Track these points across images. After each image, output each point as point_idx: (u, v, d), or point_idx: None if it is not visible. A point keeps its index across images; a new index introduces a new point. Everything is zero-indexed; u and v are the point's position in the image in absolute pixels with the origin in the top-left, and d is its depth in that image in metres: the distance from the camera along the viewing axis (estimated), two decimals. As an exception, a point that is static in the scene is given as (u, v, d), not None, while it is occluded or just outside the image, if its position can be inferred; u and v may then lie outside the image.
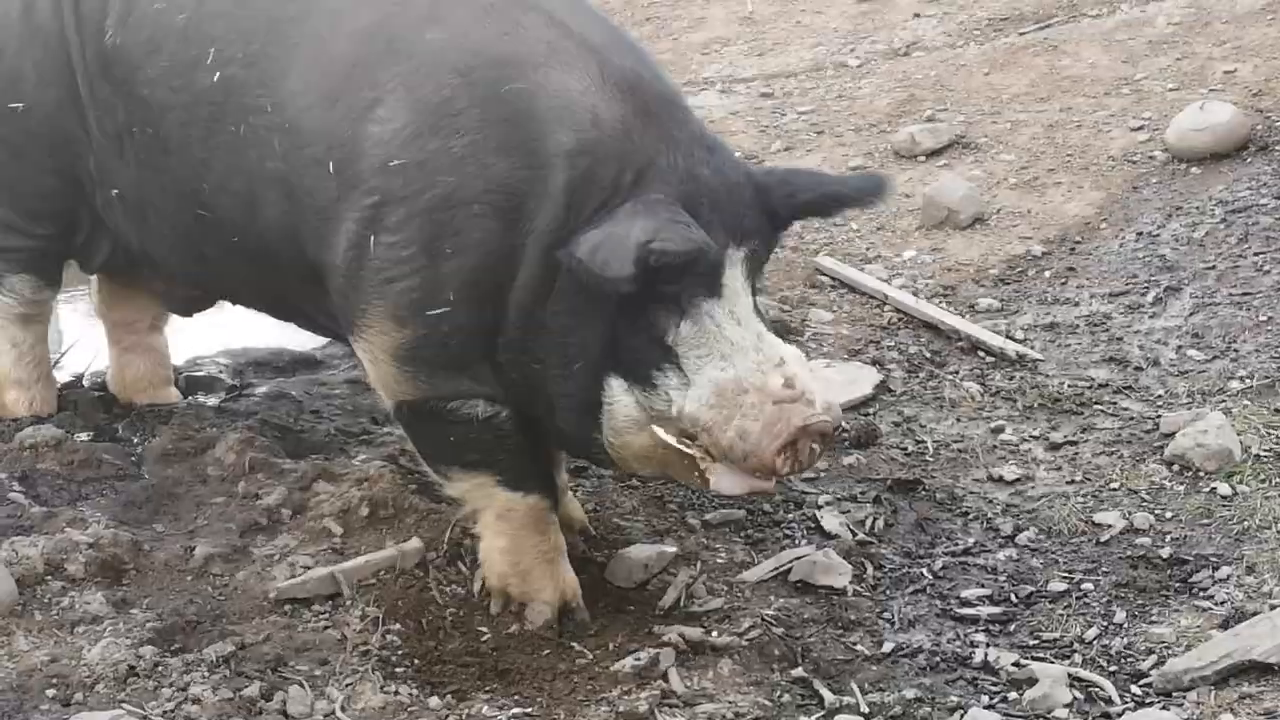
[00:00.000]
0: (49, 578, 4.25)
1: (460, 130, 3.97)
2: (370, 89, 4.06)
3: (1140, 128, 7.28)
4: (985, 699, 4.10)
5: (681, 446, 3.90)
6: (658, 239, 3.74)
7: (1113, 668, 4.19)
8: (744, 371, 3.86)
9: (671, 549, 4.56)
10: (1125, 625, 4.35)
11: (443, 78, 4.01)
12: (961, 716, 3.99)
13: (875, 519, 4.85)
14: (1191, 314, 5.85)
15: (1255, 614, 4.19)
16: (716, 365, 3.87)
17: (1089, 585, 4.53)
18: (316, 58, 4.17)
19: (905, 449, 5.23)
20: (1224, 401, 5.31)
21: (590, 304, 3.91)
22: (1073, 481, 5.02)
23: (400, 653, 4.13)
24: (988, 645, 4.28)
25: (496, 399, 4.13)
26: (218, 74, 4.27)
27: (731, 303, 3.92)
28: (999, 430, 5.34)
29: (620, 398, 3.95)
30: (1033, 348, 5.81)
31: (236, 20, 4.29)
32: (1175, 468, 4.99)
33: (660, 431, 3.91)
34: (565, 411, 4.03)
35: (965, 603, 4.49)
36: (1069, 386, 5.53)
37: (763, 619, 4.32)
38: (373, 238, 4.03)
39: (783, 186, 4.07)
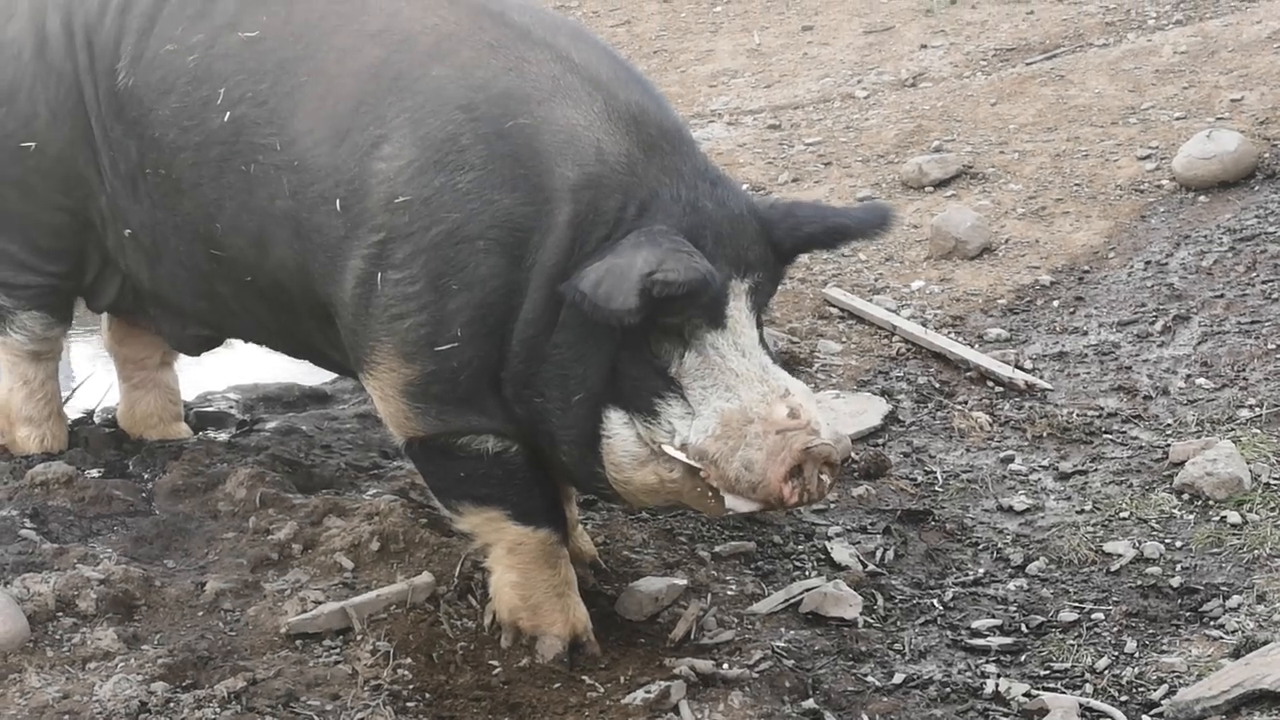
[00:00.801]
0: (60, 614, 4.25)
1: (465, 166, 3.99)
2: (376, 126, 4.08)
3: (1147, 157, 7.29)
4: (997, 730, 4.11)
5: (694, 463, 3.88)
6: (660, 269, 3.73)
7: (1124, 697, 4.19)
8: (749, 402, 3.85)
9: (682, 582, 4.56)
10: (1136, 655, 4.34)
11: (448, 114, 4.03)
12: (973, 747, 4.00)
13: (885, 550, 4.85)
14: (1200, 343, 5.85)
15: (1266, 643, 4.18)
16: (721, 396, 3.88)
17: (1100, 615, 4.52)
18: (323, 96, 4.19)
19: (915, 479, 5.23)
20: (1233, 430, 5.30)
21: (592, 336, 3.92)
22: (1082, 511, 5.02)
23: (411, 687, 4.13)
24: (999, 676, 4.28)
25: (506, 434, 4.14)
26: (228, 114, 4.29)
27: (736, 334, 3.93)
28: (1008, 460, 5.34)
29: (619, 431, 3.95)
30: (1042, 377, 5.82)
31: (245, 60, 4.31)
32: (1185, 496, 4.99)
33: (674, 450, 3.89)
34: (567, 445, 4.04)
35: (976, 633, 4.49)
36: (1078, 416, 5.54)
37: (773, 651, 4.32)
38: (380, 274, 4.04)
39: (787, 219, 4.07)
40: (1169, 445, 5.26)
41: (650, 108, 4.11)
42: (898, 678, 4.29)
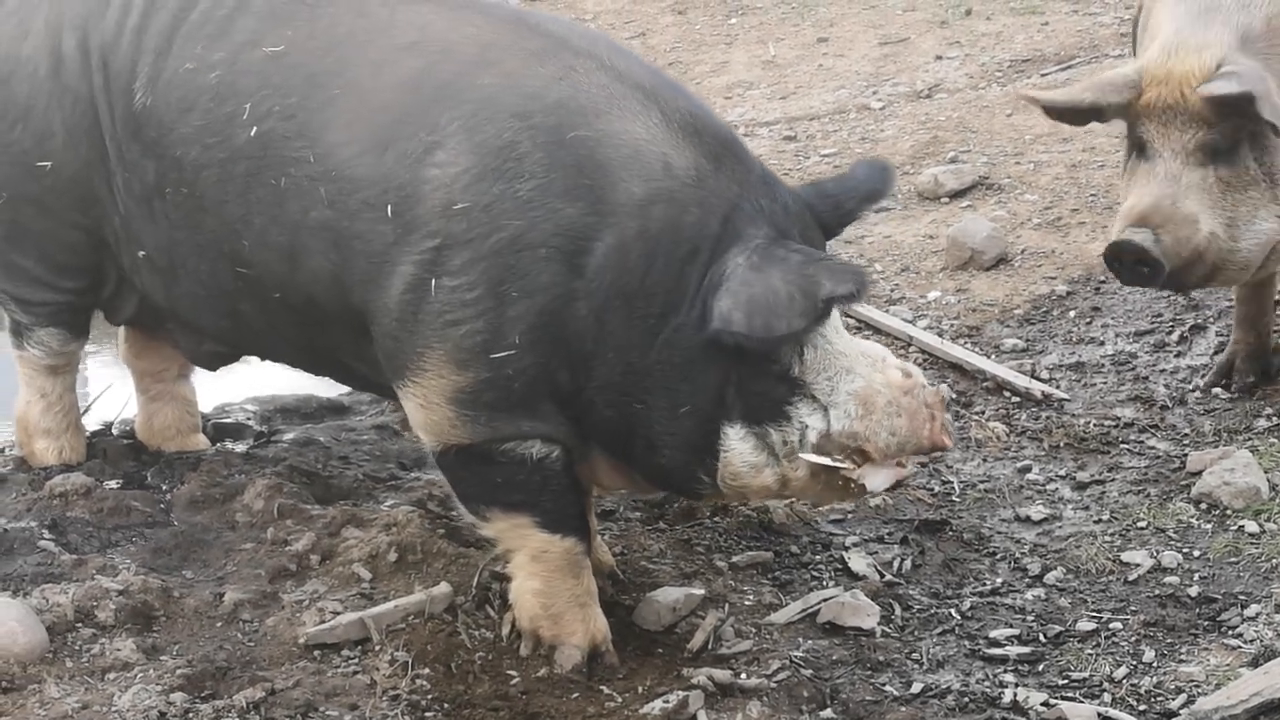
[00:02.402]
0: (79, 625, 4.26)
1: (525, 174, 4.02)
2: (426, 134, 4.10)
3: (1163, 167, 7.27)
4: (1015, 739, 4.11)
5: (837, 464, 4.04)
6: (829, 287, 3.87)
7: (1142, 707, 4.18)
8: (869, 377, 4.05)
9: (699, 591, 4.56)
10: (1154, 664, 4.34)
11: (503, 121, 4.06)
12: (991, 757, 3.99)
13: (903, 560, 4.85)
14: (1216, 352, 5.85)
15: (1285, 652, 4.18)
16: (846, 380, 4.04)
17: (1117, 624, 4.52)
18: (360, 107, 4.20)
19: (932, 489, 5.23)
20: (1250, 439, 5.30)
21: (701, 356, 4.01)
22: (1100, 520, 5.01)
23: (429, 697, 4.13)
24: (1017, 685, 4.28)
25: (554, 438, 4.16)
26: (255, 129, 4.29)
27: (832, 321, 4.06)
28: (1026, 470, 5.34)
29: (736, 445, 4.05)
30: (1059, 387, 5.81)
31: (271, 76, 4.31)
32: (1203, 506, 4.98)
33: (814, 457, 4.03)
34: (670, 450, 4.10)
35: (994, 643, 4.49)
36: (1095, 426, 5.53)
37: (791, 661, 4.33)
38: (434, 281, 4.06)
39: (825, 200, 4.22)
40: (1186, 455, 5.25)
41: (703, 115, 4.19)
42: (916, 687, 4.28)
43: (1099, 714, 4.11)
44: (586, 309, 4.02)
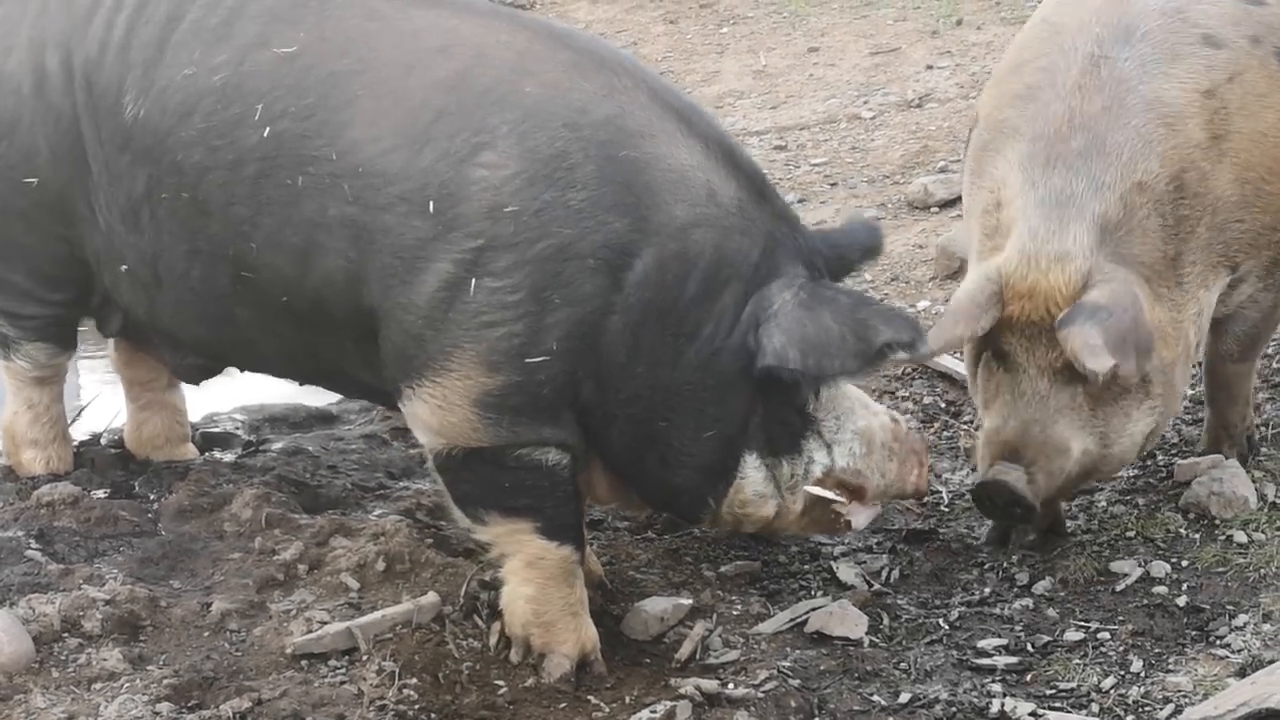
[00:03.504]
0: (66, 635, 4.25)
1: (578, 184, 4.07)
2: (472, 134, 4.13)
3: (1153, 177, 7.28)
4: (1002, 749, 4.11)
5: (836, 499, 4.26)
6: (885, 336, 4.02)
7: (1130, 717, 4.19)
8: (870, 420, 4.28)
9: (687, 601, 4.57)
10: (1142, 674, 4.34)
11: (554, 130, 4.11)
12: (979, 767, 3.99)
13: (891, 569, 4.85)
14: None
15: (1272, 662, 4.18)
16: (851, 420, 4.27)
17: (1105, 634, 4.52)
18: (389, 106, 4.22)
19: (920, 499, 5.22)
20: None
21: (732, 383, 4.12)
22: (1088, 530, 5.01)
23: (417, 707, 4.13)
24: (1005, 695, 4.28)
25: (568, 446, 4.19)
26: (268, 129, 4.29)
27: None
28: (1014, 480, 5.33)
29: (752, 474, 4.20)
30: (1047, 397, 5.80)
31: (283, 76, 4.32)
32: (1191, 516, 4.98)
33: (818, 490, 4.24)
34: (686, 470, 4.19)
35: (982, 653, 4.49)
36: (1084, 435, 5.52)
37: (779, 671, 4.32)
38: (474, 281, 4.07)
39: (831, 248, 4.35)
40: (1174, 464, 5.25)
41: (736, 146, 4.33)
42: (904, 697, 4.28)
43: (1086, 724, 4.11)
44: (623, 323, 4.07)
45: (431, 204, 4.12)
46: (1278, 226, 4.68)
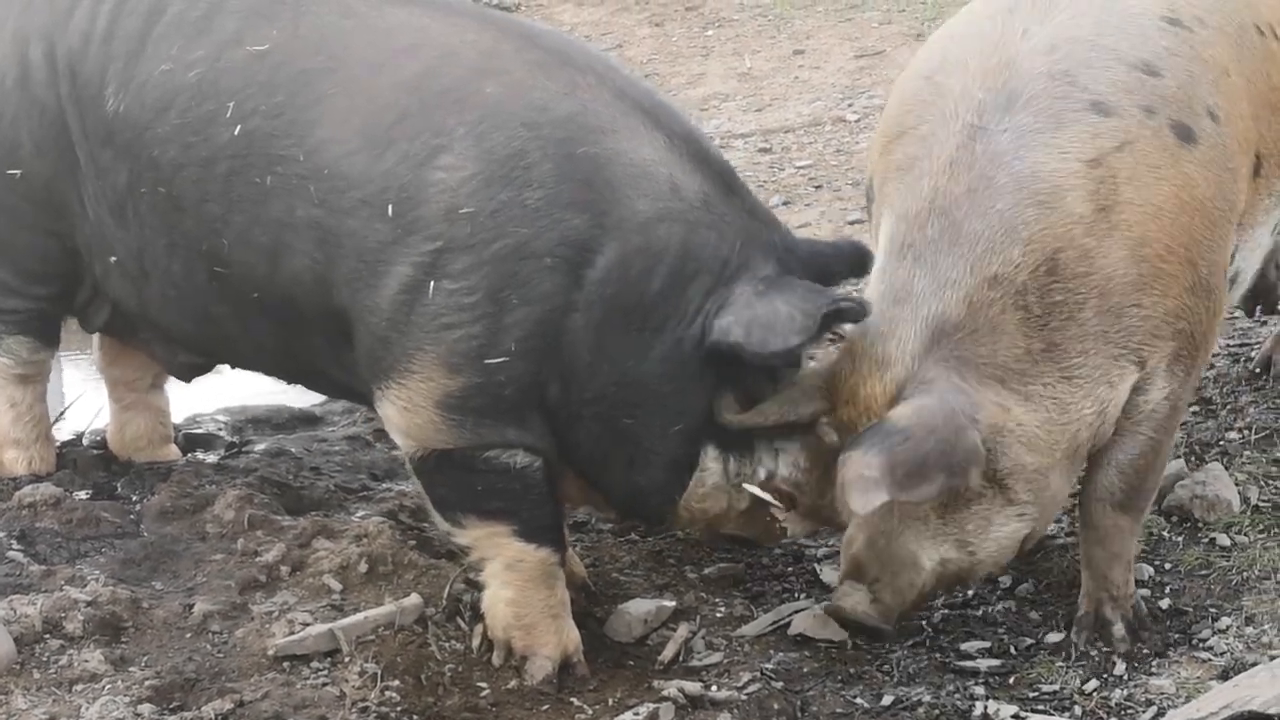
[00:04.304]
0: (47, 636, 4.24)
1: (534, 183, 4.05)
2: (431, 136, 4.12)
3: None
4: (985, 752, 4.11)
5: (775, 504, 4.21)
6: (834, 302, 3.97)
7: (1112, 719, 4.19)
8: (818, 437, 4.21)
9: (670, 604, 4.57)
10: (1125, 677, 4.34)
11: (512, 129, 4.09)
12: (961, 769, 3.99)
13: (874, 572, 4.85)
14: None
15: (1255, 664, 4.18)
16: (801, 432, 4.19)
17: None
18: (356, 107, 4.22)
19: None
20: (1223, 452, 5.30)
21: (696, 375, 4.08)
22: (1071, 533, 5.01)
23: (399, 709, 4.12)
24: (988, 698, 4.28)
25: (536, 449, 4.17)
26: (239, 127, 4.30)
27: (801, 372, 4.19)
28: (998, 482, 5.33)
29: (711, 465, 4.16)
30: (1031, 400, 5.80)
31: (255, 74, 4.32)
32: (1174, 519, 4.98)
33: (759, 492, 4.18)
34: (651, 468, 4.15)
35: (965, 655, 4.49)
36: (1067, 438, 5.52)
37: (762, 673, 4.33)
38: (432, 283, 4.07)
39: (817, 259, 4.26)
40: (1158, 467, 5.25)
41: (705, 142, 4.28)
42: (886, 699, 4.28)
43: (1069, 727, 4.11)
44: (585, 320, 4.05)
45: (390, 207, 4.11)
46: (1180, 314, 4.17)
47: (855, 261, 4.39)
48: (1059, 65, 4.18)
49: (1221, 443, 5.38)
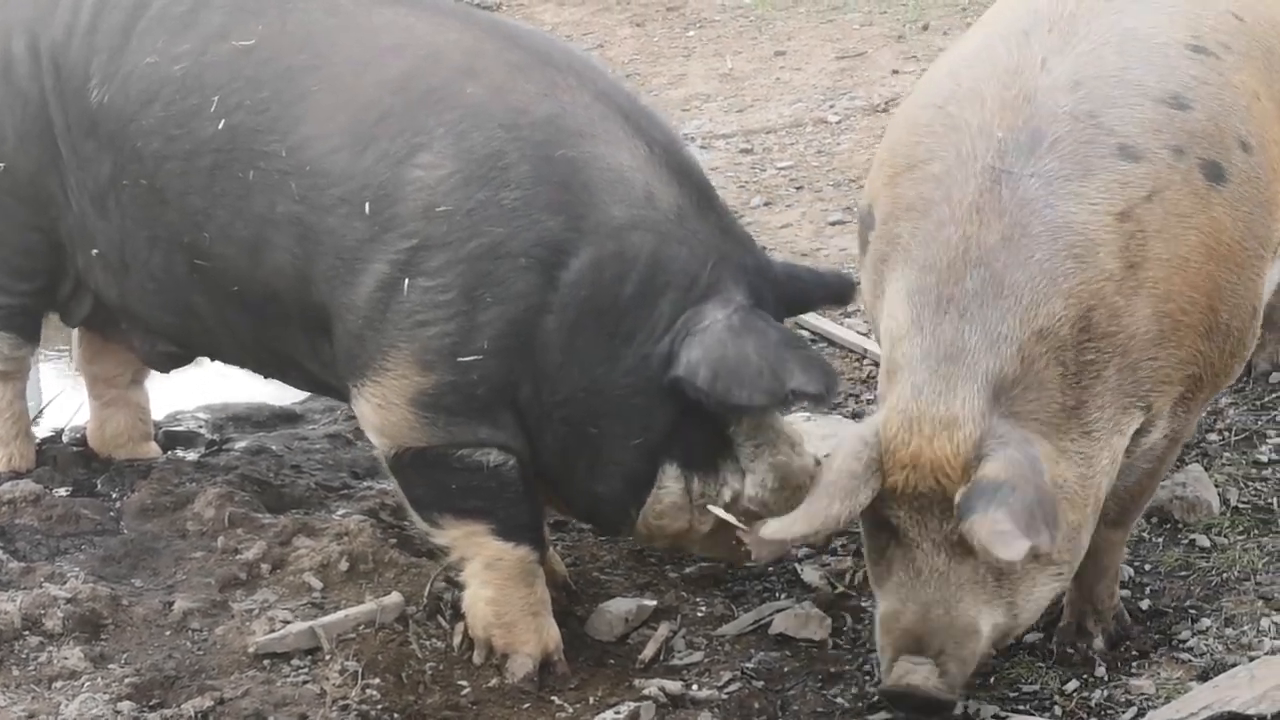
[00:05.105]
0: (26, 633, 4.24)
1: (511, 184, 4.06)
2: (411, 135, 4.13)
3: (1117, 182, 7.30)
4: (966, 751, 4.11)
5: (739, 525, 4.16)
6: (798, 381, 3.96)
7: (1093, 719, 4.19)
8: (789, 457, 4.18)
9: (651, 603, 4.57)
10: (1105, 677, 4.34)
11: (491, 130, 4.10)
12: (942, 769, 3.99)
13: (855, 572, 4.85)
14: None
15: (1234, 665, 4.19)
16: (770, 453, 4.17)
17: (1069, 637, 4.52)
18: (339, 104, 4.22)
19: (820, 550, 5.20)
20: (1203, 454, 5.31)
21: (661, 391, 4.07)
22: (1052, 534, 5.02)
23: (380, 707, 4.12)
24: (968, 698, 4.27)
25: (510, 448, 4.17)
26: (223, 121, 4.30)
27: None
28: (978, 483, 5.33)
29: (670, 485, 4.15)
30: (1012, 401, 5.80)
31: (241, 69, 4.32)
32: (1154, 520, 4.99)
33: (723, 514, 4.15)
34: (609, 478, 4.16)
35: (945, 655, 4.48)
36: (1048, 439, 5.53)
37: (743, 672, 4.33)
38: (407, 280, 4.07)
39: (793, 283, 4.29)
40: (1138, 469, 5.26)
41: (684, 153, 4.28)
42: (867, 699, 4.28)
43: (1049, 727, 4.11)
44: (558, 322, 4.06)
45: (368, 205, 4.12)
46: (1191, 360, 4.04)
47: (838, 294, 4.42)
48: (1083, 105, 3.97)
49: (1202, 444, 5.39)
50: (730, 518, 4.16)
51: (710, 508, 4.16)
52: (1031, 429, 3.81)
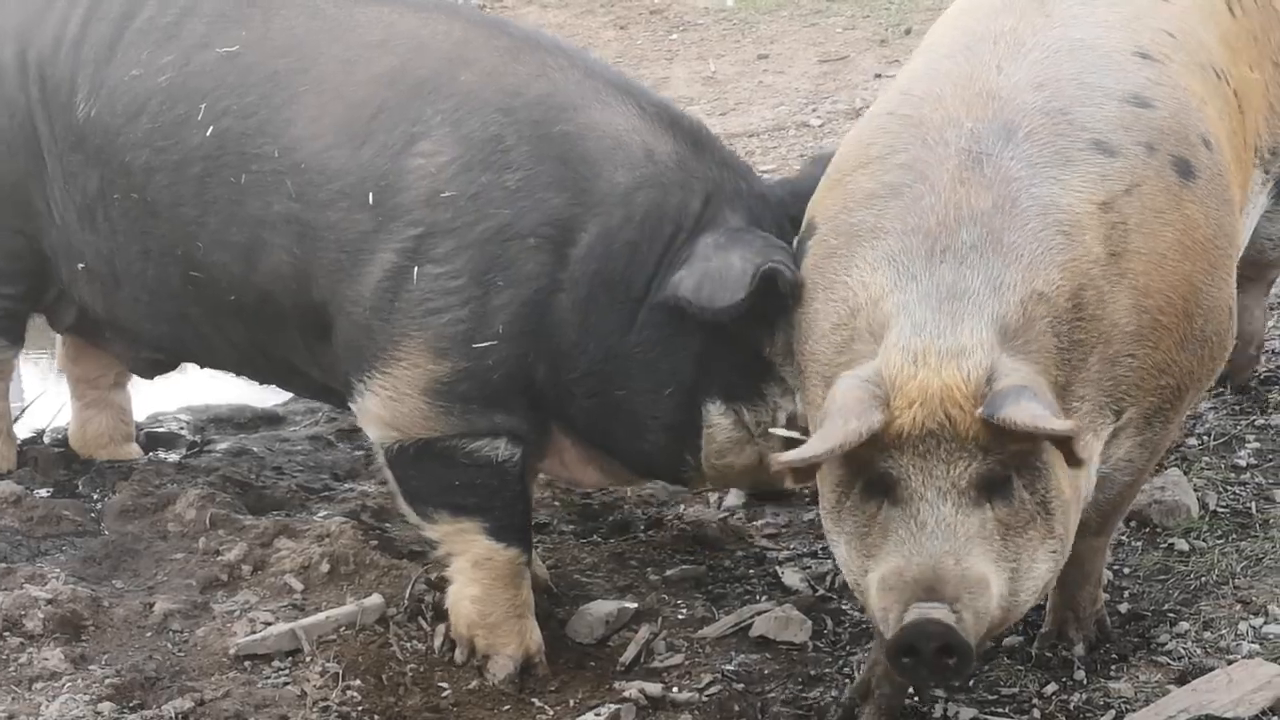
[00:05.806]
0: (7, 634, 4.23)
1: (512, 165, 4.08)
2: (408, 126, 4.15)
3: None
4: (944, 754, 4.11)
5: (803, 439, 3.89)
6: (770, 262, 3.88)
7: (1071, 723, 4.21)
8: None
9: (632, 605, 4.57)
10: (1084, 681, 4.35)
11: (488, 115, 4.13)
12: (921, 772, 4.00)
13: (836, 575, 4.85)
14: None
15: (1212, 669, 4.20)
16: None
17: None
18: (331, 103, 4.24)
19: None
20: (1182, 458, 5.33)
21: (679, 333, 4.06)
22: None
23: (360, 709, 4.12)
24: (947, 701, 4.29)
25: (522, 435, 4.17)
26: (211, 128, 4.31)
27: None
28: (959, 486, 5.34)
29: (718, 420, 4.13)
30: (992, 405, 5.82)
31: (225, 75, 4.33)
32: (1133, 524, 5.00)
33: (784, 431, 4.06)
34: (652, 433, 4.14)
35: (925, 658, 4.49)
36: (1028, 443, 5.54)
37: (723, 675, 4.33)
38: (416, 268, 4.08)
39: (794, 196, 4.22)
40: (1118, 473, 5.27)
41: (674, 107, 4.31)
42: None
43: (1028, 730, 4.12)
44: (570, 300, 4.07)
45: (371, 196, 4.13)
46: (1166, 369, 3.94)
47: None
48: (1052, 103, 3.89)
49: (1181, 449, 5.41)
50: (795, 434, 4.02)
51: (774, 430, 4.11)
52: None
